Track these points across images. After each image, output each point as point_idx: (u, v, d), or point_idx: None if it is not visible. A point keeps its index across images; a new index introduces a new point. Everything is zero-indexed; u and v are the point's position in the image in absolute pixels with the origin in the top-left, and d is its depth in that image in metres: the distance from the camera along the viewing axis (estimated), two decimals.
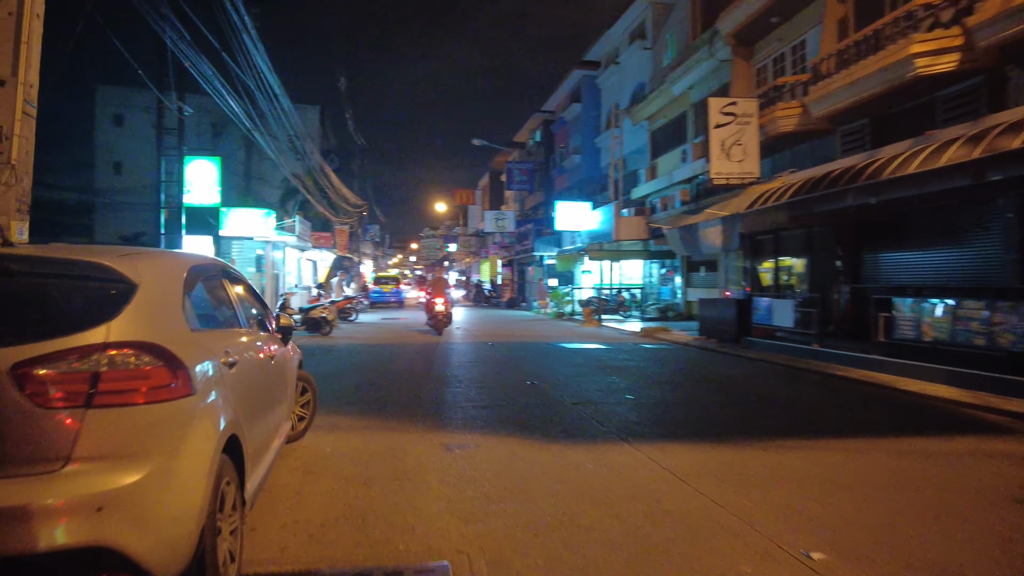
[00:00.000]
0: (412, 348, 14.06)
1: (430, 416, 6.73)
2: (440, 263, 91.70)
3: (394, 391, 8.31)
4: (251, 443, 3.33)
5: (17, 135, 4.98)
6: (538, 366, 10.87)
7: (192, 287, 3.10)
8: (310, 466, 4.92)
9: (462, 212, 69.23)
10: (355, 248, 42.27)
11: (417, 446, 5.49)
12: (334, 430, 6.11)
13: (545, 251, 35.06)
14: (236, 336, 3.58)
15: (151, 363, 2.41)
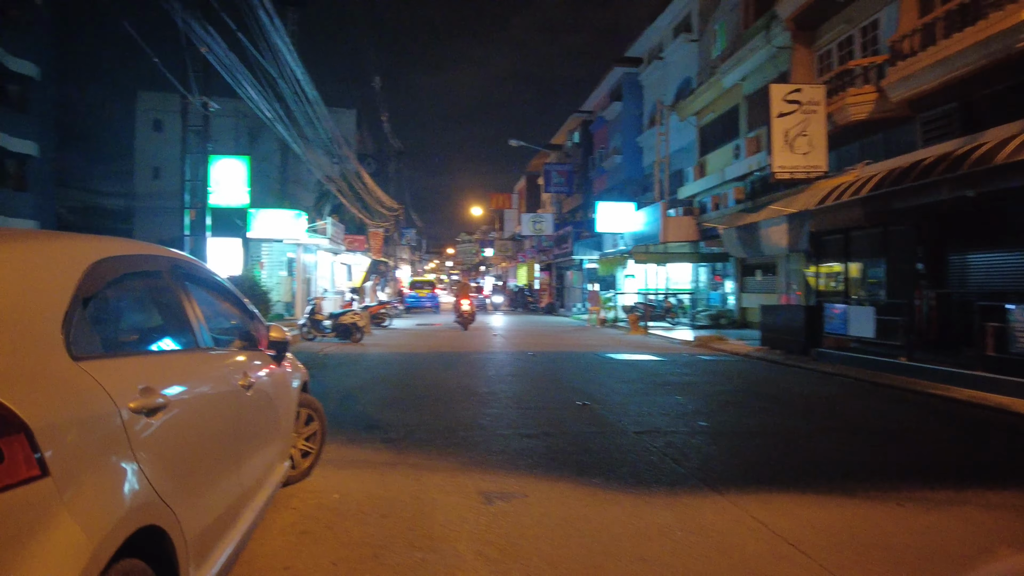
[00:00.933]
0: (446, 358, 12.95)
1: (465, 448, 5.55)
2: (476, 268, 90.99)
3: (424, 412, 7.18)
4: (199, 520, 2.21)
5: None
6: (587, 382, 9.62)
7: (97, 289, 1.99)
8: (309, 522, 3.79)
9: (498, 216, 68.27)
10: (391, 252, 41.59)
11: (448, 494, 4.32)
12: (347, 465, 4.99)
13: (585, 254, 33.72)
14: (180, 361, 2.47)
15: None
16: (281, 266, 23.92)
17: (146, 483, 1.84)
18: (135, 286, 2.42)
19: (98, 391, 1.75)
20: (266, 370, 3.42)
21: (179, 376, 2.33)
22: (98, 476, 1.65)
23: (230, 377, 2.82)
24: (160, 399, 2.03)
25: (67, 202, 36.00)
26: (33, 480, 1.43)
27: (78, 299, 1.85)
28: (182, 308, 2.62)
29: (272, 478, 3.43)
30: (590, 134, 37.57)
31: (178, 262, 2.79)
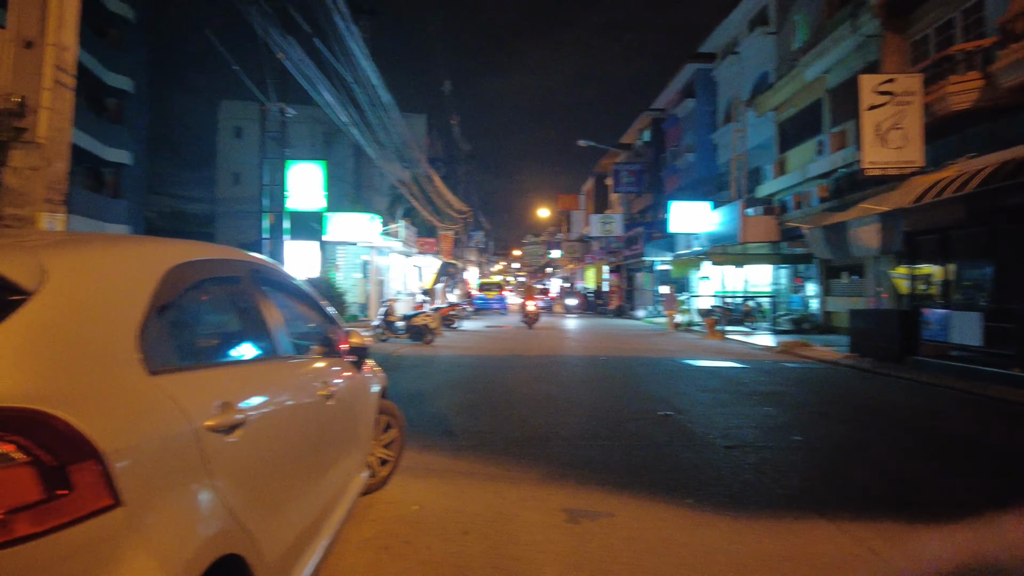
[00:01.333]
0: (517, 362, 12.77)
1: (544, 459, 5.32)
2: (542, 269, 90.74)
3: (499, 419, 6.99)
4: (278, 543, 2.06)
5: (46, 107, 4.07)
6: (666, 389, 9.21)
7: (174, 296, 1.86)
8: (389, 537, 3.64)
9: (565, 218, 67.87)
10: (459, 254, 41.93)
11: (530, 510, 4.09)
12: (425, 474, 4.85)
13: (656, 256, 32.92)
14: (259, 372, 2.33)
15: (1, 456, 1.15)
16: (356, 268, 24.40)
17: (224, 509, 1.69)
18: (213, 292, 2.30)
19: (174, 409, 1.61)
20: (346, 377, 3.28)
21: (258, 388, 2.20)
22: (173, 504, 1.50)
23: (310, 387, 2.68)
24: (239, 415, 1.89)
25: (156, 207, 38.02)
26: (105, 511, 1.29)
27: (154, 307, 1.72)
28: (261, 314, 2.50)
29: (351, 490, 3.29)
30: (661, 132, 36.70)
31: (257, 266, 2.67)
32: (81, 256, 1.67)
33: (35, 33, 4.02)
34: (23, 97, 3.93)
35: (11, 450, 1.16)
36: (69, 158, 4.32)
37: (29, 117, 3.97)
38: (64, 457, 1.23)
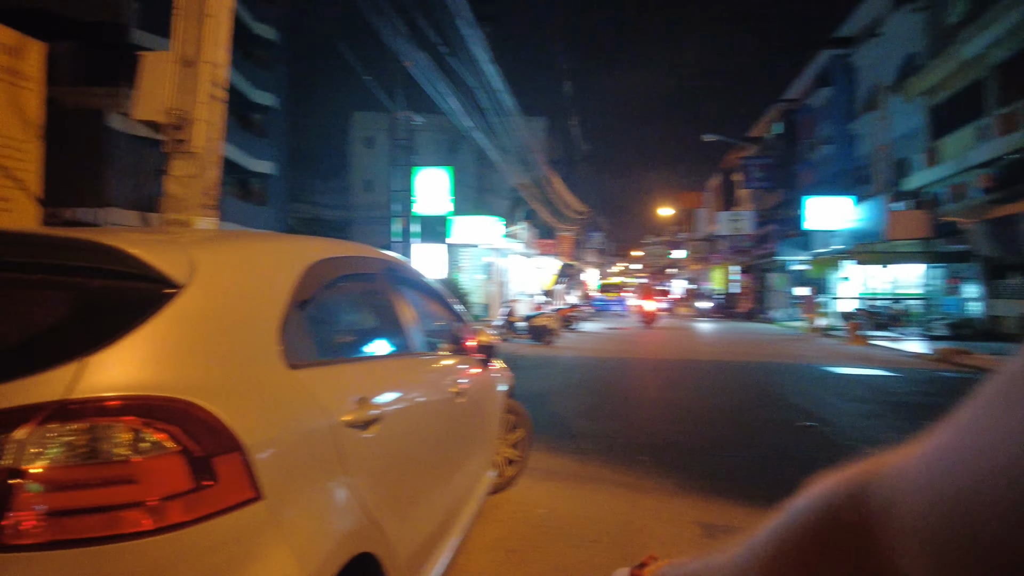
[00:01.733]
0: (641, 365, 12.42)
1: (676, 468, 5.06)
2: (663, 270, 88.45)
3: (626, 423, 6.78)
4: (410, 542, 2.03)
5: (202, 120, 4.38)
6: (806, 398, 8.56)
7: (313, 292, 1.87)
8: (516, 539, 3.58)
9: (689, 216, 65.71)
10: (578, 255, 41.74)
11: (663, 522, 3.88)
12: (551, 477, 4.75)
13: (790, 255, 30.98)
14: (394, 368, 2.33)
15: (154, 445, 1.17)
16: (479, 270, 24.92)
17: (359, 506, 1.67)
18: (350, 288, 2.33)
19: (312, 403, 1.61)
20: (475, 375, 3.25)
21: (393, 384, 2.19)
22: (311, 499, 1.49)
23: (442, 384, 2.66)
24: (374, 411, 1.87)
25: (296, 214, 40.88)
26: (247, 503, 1.28)
27: (294, 302, 1.73)
28: (395, 311, 2.50)
29: (480, 489, 3.25)
30: (794, 124, 34.55)
31: (391, 264, 2.69)
32: (228, 252, 1.72)
33: (193, 53, 4.35)
34: (183, 111, 4.26)
35: (163, 439, 1.18)
36: (221, 166, 4.64)
37: (187, 129, 4.30)
38: (210, 448, 1.23)
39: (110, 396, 1.17)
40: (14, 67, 4.36)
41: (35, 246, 1.47)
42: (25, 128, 4.38)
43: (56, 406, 1.12)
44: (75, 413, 1.13)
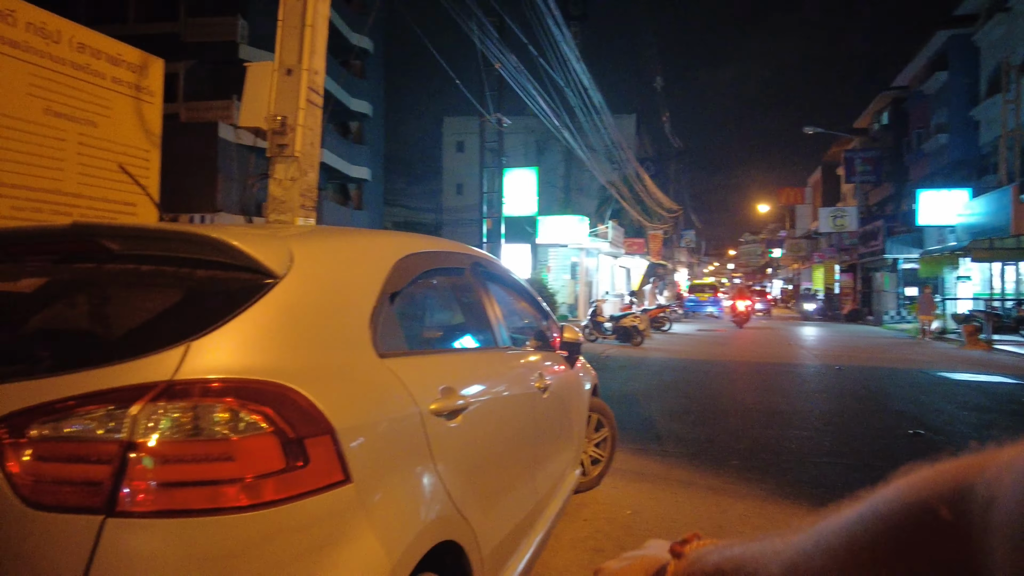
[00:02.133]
0: (734, 368, 12.00)
1: (770, 474, 4.85)
2: (761, 270, 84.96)
3: (716, 427, 6.56)
4: (495, 534, 2.05)
5: (301, 125, 4.61)
6: (916, 405, 7.98)
7: (403, 284, 1.93)
8: (601, 538, 3.54)
9: (788, 213, 62.76)
10: (669, 255, 40.81)
11: (755, 528, 3.73)
12: (637, 478, 4.67)
13: (900, 252, 28.97)
14: (479, 361, 2.36)
15: (250, 425, 1.24)
16: (565, 270, 24.88)
17: (444, 494, 1.70)
18: (438, 282, 2.38)
19: (401, 391, 1.65)
20: (560, 372, 3.24)
21: (478, 376, 2.22)
22: (398, 485, 1.53)
23: (527, 379, 2.67)
24: (460, 401, 1.91)
25: (391, 218, 42.29)
26: (336, 486, 1.34)
27: (385, 294, 1.79)
28: (482, 306, 2.54)
29: (564, 486, 3.24)
30: (904, 113, 32.33)
31: (478, 259, 2.73)
32: (323, 245, 1.80)
33: (294, 61, 4.59)
34: (284, 117, 4.51)
35: (259, 420, 1.24)
36: (318, 168, 4.87)
37: (289, 134, 4.54)
38: (303, 431, 1.29)
39: (212, 378, 1.25)
40: (138, 83, 4.75)
41: (147, 239, 1.59)
42: (147, 139, 4.76)
43: (165, 386, 1.21)
44: (181, 393, 1.22)
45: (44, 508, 1.14)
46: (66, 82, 4.16)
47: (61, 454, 1.17)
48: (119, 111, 4.60)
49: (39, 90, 3.95)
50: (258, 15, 21.48)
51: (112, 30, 4.81)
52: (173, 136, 5.02)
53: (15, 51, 3.78)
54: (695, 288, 36.27)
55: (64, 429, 1.18)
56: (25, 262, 1.67)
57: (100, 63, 4.43)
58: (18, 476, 1.15)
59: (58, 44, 4.09)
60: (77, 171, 4.22)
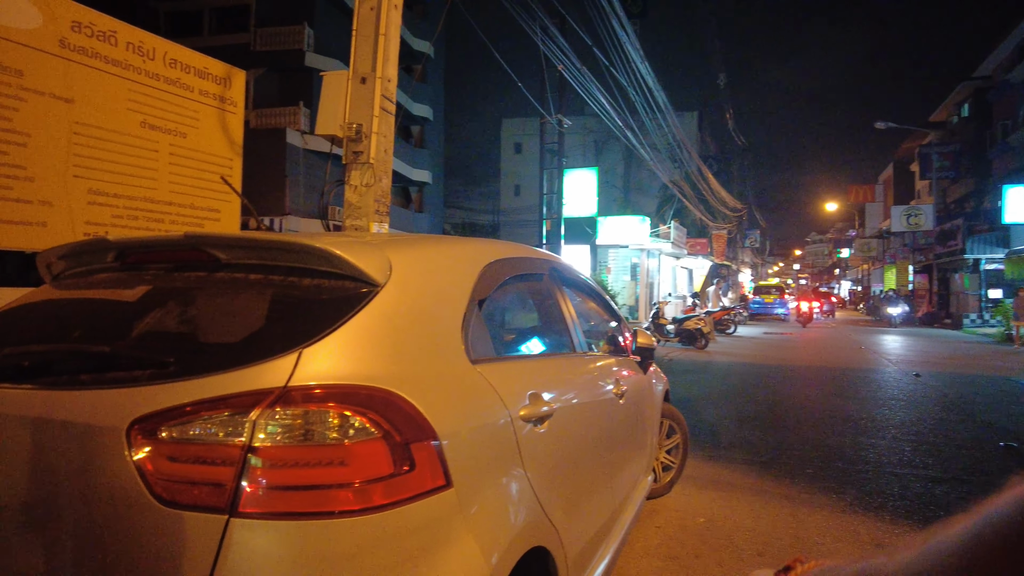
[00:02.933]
0: (804, 372, 11.62)
1: (848, 484, 4.69)
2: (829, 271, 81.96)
3: (788, 434, 6.38)
4: (578, 540, 2.07)
5: (375, 132, 4.73)
6: (1008, 416, 7.54)
7: (490, 291, 1.97)
8: (675, 546, 3.50)
9: (857, 211, 60.33)
10: (733, 255, 39.85)
11: (836, 539, 3.61)
12: (709, 486, 4.60)
13: (982, 253, 27.45)
14: (560, 366, 2.37)
15: (360, 430, 1.28)
16: (625, 271, 24.61)
17: (534, 499, 1.73)
18: (519, 288, 2.41)
19: (493, 397, 1.68)
20: (633, 377, 3.23)
21: (560, 382, 2.23)
22: (493, 490, 1.56)
23: (605, 384, 2.67)
24: (546, 407, 1.92)
25: (450, 220, 42.80)
26: (439, 491, 1.37)
27: (474, 300, 1.83)
28: (560, 311, 2.55)
29: (638, 493, 3.22)
30: (986, 104, 30.59)
31: (555, 264, 2.75)
32: (417, 254, 1.85)
33: (368, 70, 4.72)
34: (360, 125, 4.64)
35: (369, 425, 1.29)
36: (391, 174, 4.99)
37: (363, 142, 4.67)
38: (409, 436, 1.34)
39: (323, 384, 1.31)
40: (222, 94, 4.98)
41: (254, 248, 1.67)
42: (231, 147, 4.99)
43: (280, 392, 1.27)
44: (294, 399, 1.28)
45: (175, 506, 1.21)
46: (159, 96, 4.40)
47: (188, 455, 1.25)
48: (205, 122, 4.83)
49: (136, 104, 4.19)
50: (323, 23, 22.14)
51: (189, 43, 5.05)
52: (245, 143, 5.24)
53: (116, 69, 4.03)
54: (760, 289, 35.23)
55: (190, 432, 1.25)
56: (143, 271, 1.78)
57: (189, 77, 4.67)
58: (151, 475, 1.23)
59: (152, 61, 4.33)
60: (168, 180, 4.46)
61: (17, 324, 1.79)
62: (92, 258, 1.85)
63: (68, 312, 1.80)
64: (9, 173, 3.56)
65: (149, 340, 1.61)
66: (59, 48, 3.76)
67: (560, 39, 14.10)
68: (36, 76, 3.64)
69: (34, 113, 3.63)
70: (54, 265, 1.95)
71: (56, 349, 1.63)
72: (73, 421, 1.31)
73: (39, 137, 3.66)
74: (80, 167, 3.86)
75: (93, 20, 3.94)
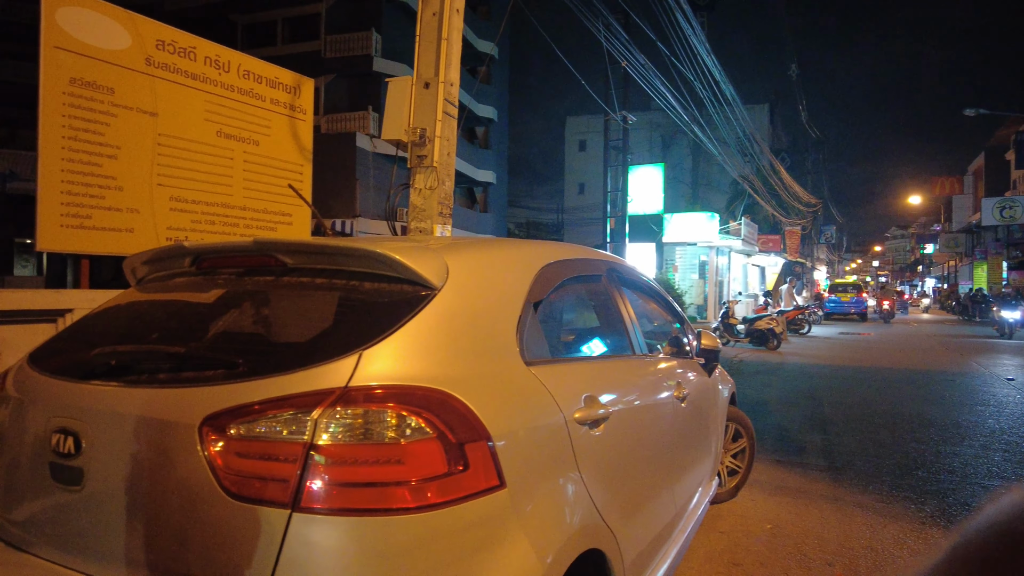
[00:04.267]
0: (882, 375, 11.08)
1: (929, 496, 4.45)
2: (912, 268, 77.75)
3: (863, 440, 6.11)
4: (636, 544, 2.06)
5: (439, 136, 4.82)
6: None
7: (545, 293, 1.98)
8: (740, 552, 3.42)
9: (943, 205, 56.95)
10: (807, 252, 38.40)
11: (912, 552, 3.44)
12: (776, 491, 4.46)
13: None
14: (618, 369, 2.36)
15: (416, 430, 1.33)
16: (693, 269, 24.12)
17: (589, 502, 1.73)
18: (576, 289, 2.42)
19: (547, 399, 1.70)
20: (697, 379, 3.17)
21: (618, 384, 2.22)
22: (546, 492, 1.58)
23: (665, 387, 2.64)
24: (602, 409, 1.92)
25: (514, 219, 42.98)
26: (492, 491, 1.40)
27: (529, 302, 1.85)
28: (619, 312, 2.54)
29: (702, 498, 3.16)
30: None
31: (614, 265, 2.74)
32: (473, 257, 1.88)
33: (431, 75, 4.81)
34: (423, 129, 4.73)
35: (424, 425, 1.33)
36: (454, 177, 5.07)
37: (427, 146, 4.76)
38: (463, 436, 1.37)
39: (382, 384, 1.36)
40: (292, 102, 5.19)
41: (319, 254, 1.74)
42: (301, 154, 5.19)
43: (342, 391, 1.33)
44: (355, 399, 1.33)
45: (242, 499, 1.28)
46: (234, 106, 4.63)
47: (255, 452, 1.32)
48: (277, 129, 5.04)
49: (213, 115, 4.42)
50: (390, 27, 22.65)
51: (264, 53, 5.29)
52: (316, 147, 5.44)
53: (195, 82, 4.26)
54: (836, 287, 33.76)
55: (257, 429, 1.32)
56: (216, 275, 1.88)
57: (261, 87, 4.88)
58: (221, 469, 1.31)
59: (227, 73, 4.55)
60: (243, 186, 4.68)
61: (106, 325, 1.93)
62: (171, 263, 1.98)
63: (149, 314, 1.93)
64: (102, 183, 3.82)
65: (221, 341, 1.71)
66: (145, 66, 4.01)
67: (623, 35, 13.95)
68: (125, 93, 3.89)
69: (124, 127, 3.89)
70: (138, 270, 2.09)
71: (138, 349, 1.75)
72: (152, 417, 1.41)
73: (128, 149, 3.92)
74: (163, 176, 4.11)
75: (175, 38, 4.19)
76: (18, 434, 1.64)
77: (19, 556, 1.55)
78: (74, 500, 1.48)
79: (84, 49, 3.69)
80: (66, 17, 3.60)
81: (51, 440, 1.51)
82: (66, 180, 3.63)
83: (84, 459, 1.46)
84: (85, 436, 1.47)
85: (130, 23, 3.92)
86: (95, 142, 3.76)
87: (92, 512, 1.45)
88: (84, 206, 3.72)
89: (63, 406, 1.56)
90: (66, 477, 1.49)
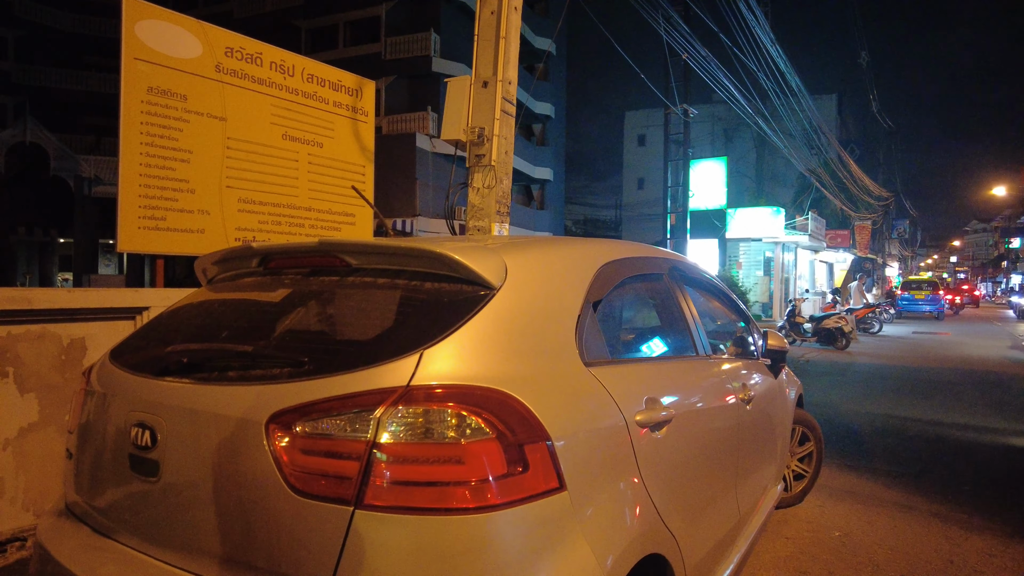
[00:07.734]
0: (958, 376, 10.50)
1: (1015, 507, 4.19)
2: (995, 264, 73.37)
3: (938, 445, 5.80)
4: (698, 549, 2.01)
5: (497, 135, 4.83)
6: None
7: (604, 293, 1.95)
8: (807, 560, 3.30)
9: None
10: (878, 248, 36.74)
11: (1000, 570, 3.24)
12: (846, 497, 4.28)
13: None
14: (680, 370, 2.31)
15: (476, 430, 1.33)
16: (757, 265, 23.43)
17: (651, 506, 1.70)
18: (636, 288, 2.37)
19: (607, 400, 1.67)
20: (762, 381, 3.07)
21: (681, 386, 2.17)
22: (607, 495, 1.55)
23: (729, 389, 2.56)
24: (664, 412, 1.88)
25: (571, 216, 42.76)
26: (552, 493, 1.39)
27: (588, 302, 1.82)
28: (681, 312, 2.48)
29: (767, 502, 3.07)
30: None
31: (676, 263, 2.67)
32: (531, 256, 1.86)
33: (489, 73, 4.82)
34: (482, 129, 4.75)
35: (484, 425, 1.33)
36: (511, 175, 5.07)
37: (485, 145, 4.78)
38: (523, 437, 1.36)
39: (443, 384, 1.36)
40: (354, 104, 5.29)
41: (381, 254, 1.76)
42: (363, 155, 5.29)
43: (403, 390, 1.34)
44: (416, 398, 1.34)
45: (306, 495, 1.31)
46: (298, 109, 4.76)
47: (319, 449, 1.34)
48: (340, 131, 5.16)
49: (278, 119, 4.56)
50: (449, 28, 22.86)
51: (326, 56, 5.42)
52: (378, 148, 5.54)
53: (261, 87, 4.40)
54: (909, 285, 32.16)
55: (321, 427, 1.35)
56: (282, 275, 1.93)
57: (324, 90, 5.00)
58: (286, 465, 1.34)
59: (292, 77, 4.68)
60: (308, 187, 4.81)
61: (179, 323, 2.01)
62: (240, 263, 2.04)
63: (219, 313, 2.00)
64: (176, 187, 4.00)
65: (287, 340, 1.76)
66: (215, 72, 4.17)
67: (684, 27, 13.66)
68: (197, 99, 4.06)
69: (195, 132, 4.05)
70: (208, 270, 2.17)
71: (209, 347, 1.82)
72: (222, 413, 1.46)
73: (199, 153, 4.09)
74: (232, 178, 4.26)
75: (243, 45, 4.34)
76: (102, 427, 1.73)
77: (103, 542, 1.64)
78: (151, 491, 1.55)
79: (160, 59, 3.86)
80: (144, 30, 3.78)
81: (131, 433, 1.59)
82: (143, 184, 3.82)
83: (159, 452, 1.53)
84: (160, 430, 1.54)
85: (201, 32, 4.08)
86: (169, 147, 3.94)
87: (166, 503, 1.52)
88: (159, 208, 3.90)
89: (140, 401, 1.63)
90: (144, 469, 1.56)
